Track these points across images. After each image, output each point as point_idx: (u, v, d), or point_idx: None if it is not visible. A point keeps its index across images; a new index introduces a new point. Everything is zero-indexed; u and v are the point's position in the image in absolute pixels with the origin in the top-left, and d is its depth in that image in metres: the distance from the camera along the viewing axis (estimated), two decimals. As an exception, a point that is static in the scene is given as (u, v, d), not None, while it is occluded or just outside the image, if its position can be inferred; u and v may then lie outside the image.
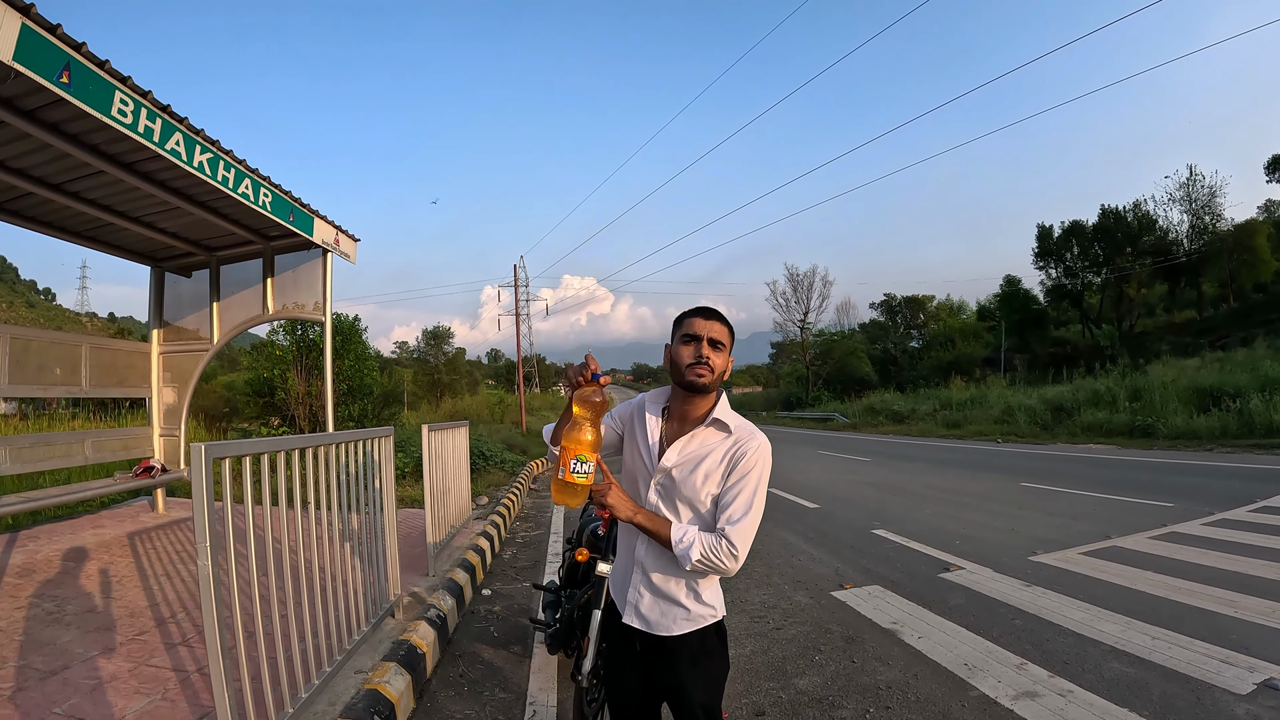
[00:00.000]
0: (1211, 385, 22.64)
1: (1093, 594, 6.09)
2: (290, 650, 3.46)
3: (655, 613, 2.45)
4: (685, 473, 2.38)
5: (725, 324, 2.40)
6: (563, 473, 2.16)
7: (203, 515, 2.55)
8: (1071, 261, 53.81)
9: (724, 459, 2.37)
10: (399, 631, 4.81)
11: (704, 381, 2.33)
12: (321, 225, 7.46)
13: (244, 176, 6.10)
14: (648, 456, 2.47)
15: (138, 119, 4.80)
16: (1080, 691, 4.21)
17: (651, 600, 2.46)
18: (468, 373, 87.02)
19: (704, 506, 2.38)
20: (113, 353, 8.81)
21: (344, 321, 29.96)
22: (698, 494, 2.37)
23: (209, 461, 2.61)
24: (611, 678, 2.68)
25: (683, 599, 2.42)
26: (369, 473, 4.83)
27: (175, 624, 4.97)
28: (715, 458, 2.38)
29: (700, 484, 2.37)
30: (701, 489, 2.37)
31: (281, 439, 3.55)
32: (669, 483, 2.41)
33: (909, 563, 7.50)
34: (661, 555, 2.42)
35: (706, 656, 2.45)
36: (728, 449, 2.38)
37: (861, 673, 4.65)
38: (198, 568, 2.61)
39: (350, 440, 4.49)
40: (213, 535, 2.59)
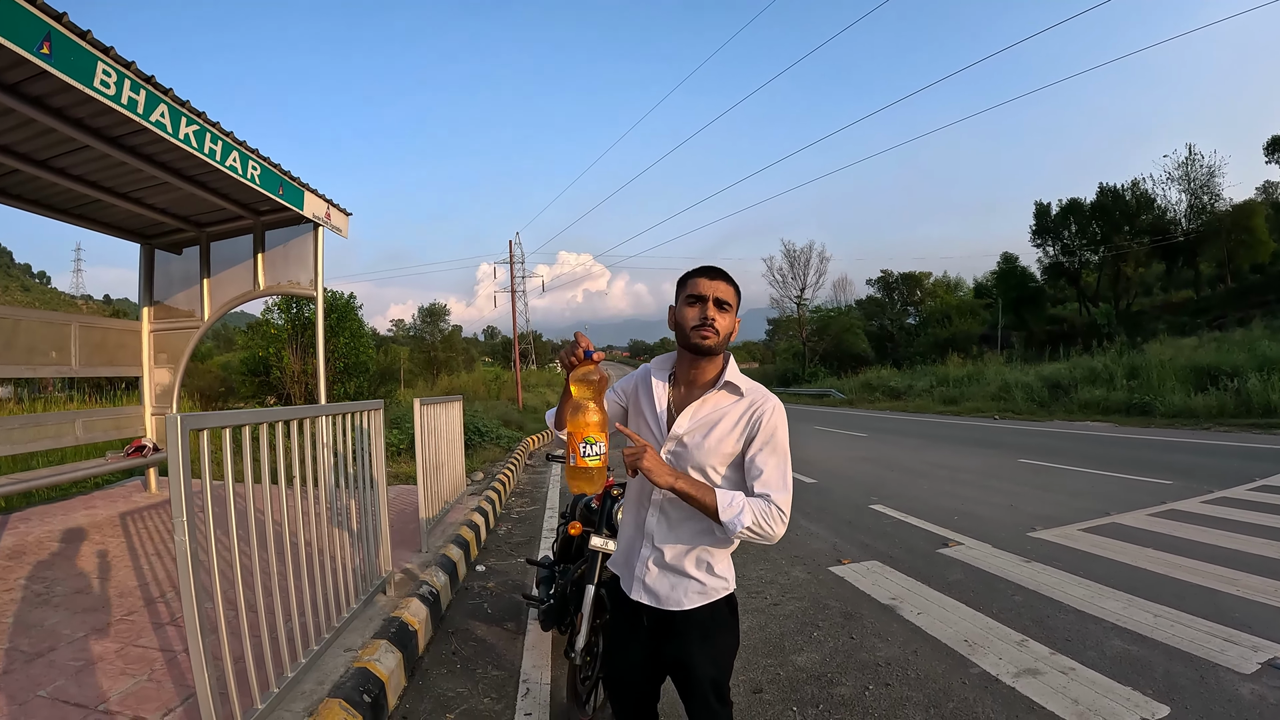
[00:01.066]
0: (1209, 364, 22.56)
1: (1093, 570, 6.03)
2: (276, 629, 3.37)
3: (665, 586, 2.38)
4: (698, 439, 2.31)
5: (731, 284, 2.32)
6: (574, 459, 2.07)
7: (179, 489, 2.45)
8: (1069, 240, 53.63)
9: (740, 423, 2.31)
10: (390, 608, 4.74)
11: (710, 344, 2.26)
12: (312, 199, 7.34)
13: (231, 149, 5.98)
14: (656, 425, 2.39)
15: (121, 91, 4.69)
16: (1082, 669, 4.15)
17: (660, 574, 2.39)
18: (464, 350, 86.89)
19: (717, 473, 2.32)
20: (103, 331, 8.69)
21: (339, 299, 29.77)
22: (711, 460, 2.30)
23: (185, 434, 2.51)
24: (614, 655, 2.62)
25: (695, 572, 2.36)
26: (358, 446, 4.73)
27: (164, 604, 4.89)
28: (729, 422, 2.32)
29: (714, 449, 2.30)
30: (715, 455, 2.30)
31: (263, 411, 3.45)
32: (681, 450, 2.33)
33: (907, 538, 7.44)
34: (675, 526, 2.36)
35: (717, 630, 2.39)
36: (743, 412, 2.32)
37: (860, 649, 4.60)
38: (175, 544, 2.52)
39: (338, 413, 4.38)
40: (189, 510, 2.50)
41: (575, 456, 2.06)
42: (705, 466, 2.30)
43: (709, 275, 2.30)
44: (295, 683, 3.42)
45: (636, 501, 2.49)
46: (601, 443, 2.09)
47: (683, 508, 2.31)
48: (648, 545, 2.41)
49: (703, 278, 2.30)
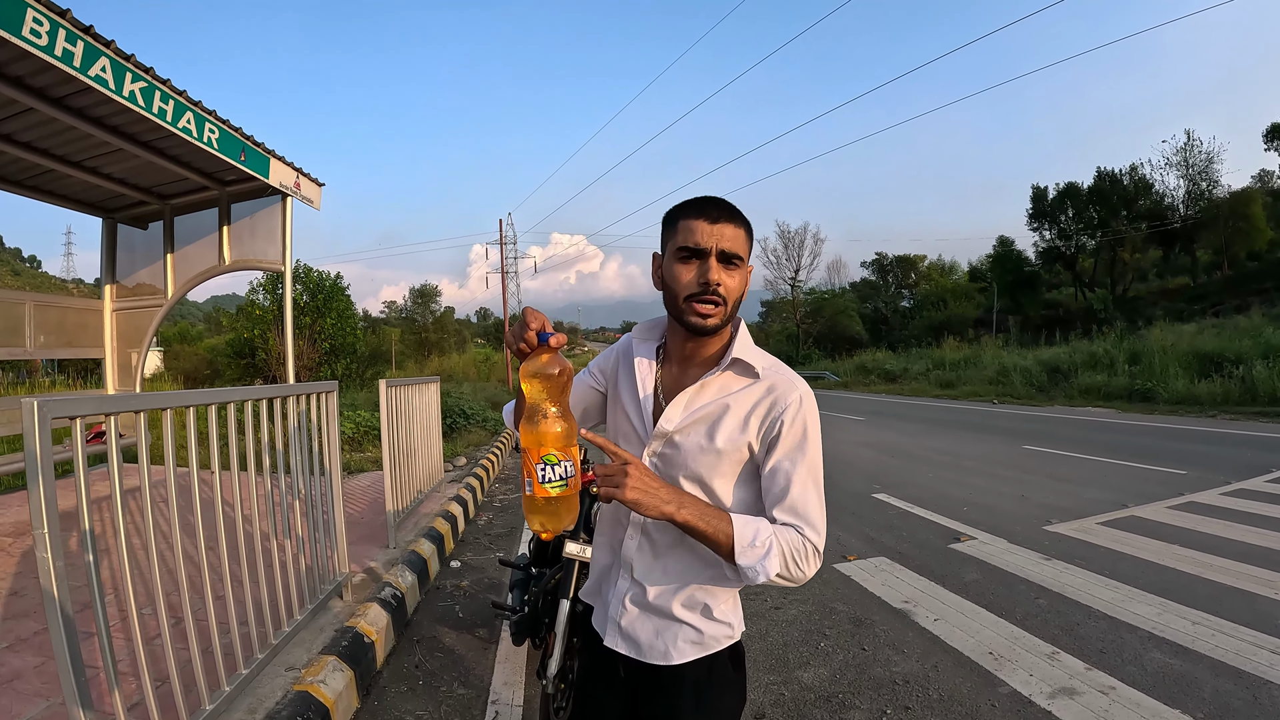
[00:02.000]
0: (1213, 351, 22.29)
1: (1118, 569, 5.61)
2: (210, 643, 2.87)
3: (647, 632, 1.73)
4: (695, 438, 1.64)
5: (741, 223, 1.61)
6: (530, 486, 1.40)
7: (39, 497, 1.96)
8: (1066, 224, 53.52)
9: (755, 417, 1.63)
10: (346, 616, 4.22)
11: (712, 322, 1.59)
12: (279, 167, 6.81)
13: (185, 109, 5.44)
14: (639, 420, 1.73)
15: (54, 41, 4.15)
16: (1123, 688, 3.71)
17: (641, 616, 1.74)
18: (456, 331, 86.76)
19: (720, 486, 1.65)
20: (61, 311, 8.14)
21: (326, 279, 29.43)
22: (713, 468, 1.64)
23: (44, 424, 2.00)
24: (583, 708, 1.95)
25: (687, 615, 1.70)
26: (305, 433, 4.22)
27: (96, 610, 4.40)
28: (739, 415, 1.63)
29: (716, 454, 1.62)
30: (717, 461, 1.63)
31: (170, 394, 2.93)
32: (670, 453, 1.67)
33: (915, 531, 7.02)
34: (663, 554, 1.71)
35: (716, 690, 1.74)
36: (757, 403, 1.64)
37: (874, 663, 4.13)
38: (38, 562, 2.04)
39: (274, 396, 3.82)
40: (52, 520, 2.01)
41: (532, 483, 1.40)
42: (702, 476, 1.65)
43: (709, 215, 1.58)
44: (216, 715, 2.90)
45: (611, 518, 1.84)
46: (568, 462, 1.40)
47: (674, 531, 1.63)
48: (625, 578, 1.77)
49: (701, 220, 1.58)
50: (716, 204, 1.60)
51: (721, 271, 1.57)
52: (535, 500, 1.40)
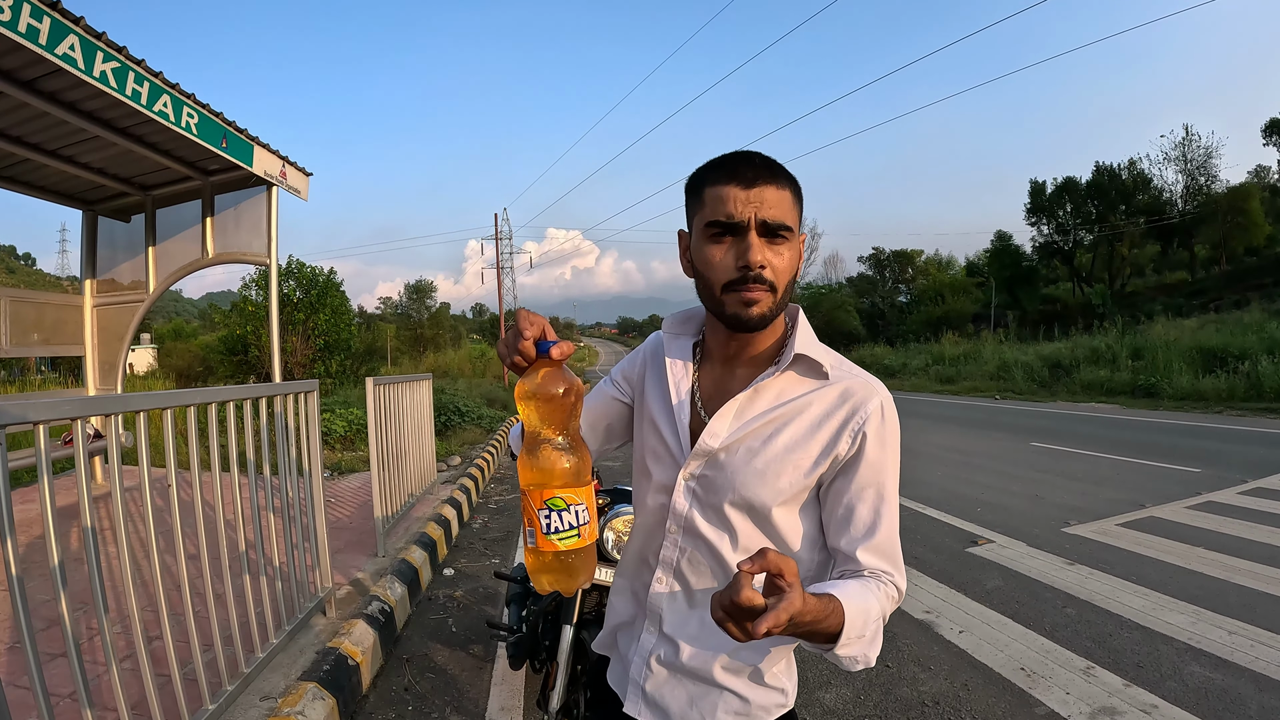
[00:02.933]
0: (1216, 346, 22.05)
1: (1145, 575, 5.36)
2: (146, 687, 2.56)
3: (680, 702, 1.37)
4: (748, 457, 1.29)
5: (786, 182, 1.24)
6: (533, 538, 1.09)
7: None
8: (1064, 219, 53.44)
9: (826, 430, 1.27)
10: (329, 635, 3.89)
11: (759, 312, 1.23)
12: (263, 155, 6.52)
13: (161, 92, 5.15)
14: (673, 434, 1.37)
15: (18, 16, 3.87)
16: (1166, 706, 3.45)
17: (673, 681, 1.38)
18: (452, 327, 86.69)
19: (780, 517, 1.31)
20: (38, 307, 7.82)
21: (319, 275, 29.17)
22: (772, 495, 1.28)
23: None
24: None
25: (731, 681, 1.34)
26: (286, 437, 3.93)
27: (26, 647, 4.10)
28: (805, 427, 1.28)
29: (777, 476, 1.28)
30: (779, 486, 1.28)
31: (141, 396, 2.62)
32: (713, 475, 1.32)
33: (930, 534, 6.76)
34: (699, 604, 1.36)
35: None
36: (829, 412, 1.28)
37: (899, 681, 3.86)
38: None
39: (250, 397, 3.51)
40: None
41: (535, 533, 1.09)
42: (756, 504, 1.29)
43: (744, 178, 1.20)
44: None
45: (637, 557, 1.47)
46: (580, 505, 1.08)
47: (709, 570, 1.34)
48: (651, 632, 1.41)
49: (733, 185, 1.20)
50: (751, 161, 1.23)
51: (766, 249, 1.21)
52: (542, 555, 1.09)
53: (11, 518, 1.89)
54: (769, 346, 1.35)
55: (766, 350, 1.35)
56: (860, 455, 1.26)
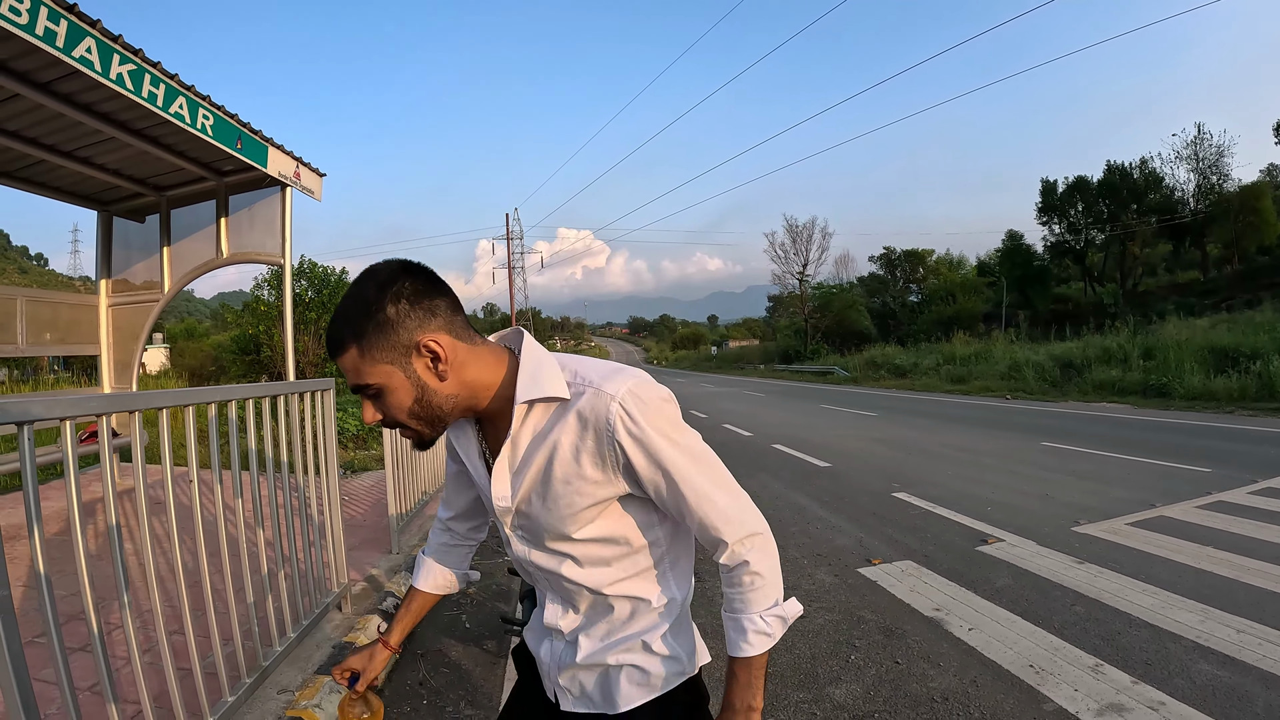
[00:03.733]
0: (1228, 346, 21.95)
1: (1154, 574, 5.36)
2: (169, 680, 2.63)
3: (591, 685, 1.54)
4: (540, 504, 1.39)
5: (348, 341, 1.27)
6: None
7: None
8: (1075, 218, 53.36)
9: (584, 454, 1.33)
10: (344, 630, 3.99)
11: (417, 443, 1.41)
12: (277, 155, 6.59)
13: (177, 94, 5.22)
14: (487, 496, 1.47)
15: (35, 19, 3.93)
16: (1173, 703, 3.46)
17: (582, 670, 1.54)
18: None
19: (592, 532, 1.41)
20: (54, 306, 7.93)
21: (330, 275, 29.30)
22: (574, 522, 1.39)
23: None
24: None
25: (626, 657, 1.49)
26: (302, 435, 3.99)
27: (84, 623, 4.15)
28: (567, 457, 1.34)
29: (574, 509, 1.37)
30: (575, 513, 1.37)
31: (160, 394, 2.70)
32: (528, 522, 1.44)
33: (940, 533, 6.77)
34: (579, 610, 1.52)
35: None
36: (579, 436, 1.33)
37: (909, 678, 3.88)
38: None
39: (267, 395, 3.57)
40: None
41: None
42: (569, 534, 1.41)
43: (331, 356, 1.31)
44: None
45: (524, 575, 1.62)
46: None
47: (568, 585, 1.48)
48: (556, 639, 1.58)
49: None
50: (329, 334, 1.32)
51: (371, 405, 1.34)
52: None
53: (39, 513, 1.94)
54: (502, 399, 1.39)
55: (502, 403, 1.39)
56: (630, 463, 1.32)
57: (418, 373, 1.29)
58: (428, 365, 1.29)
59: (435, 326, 1.29)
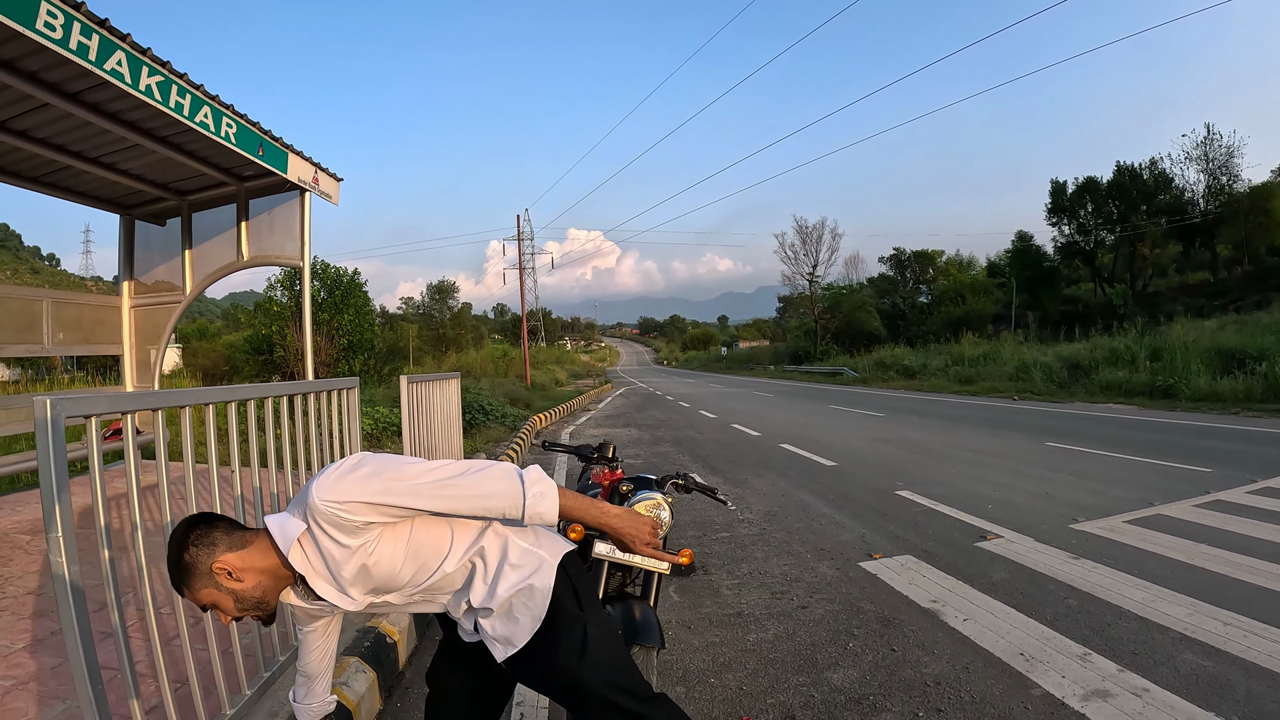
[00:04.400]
0: (1234, 347, 21.96)
1: (1147, 569, 5.50)
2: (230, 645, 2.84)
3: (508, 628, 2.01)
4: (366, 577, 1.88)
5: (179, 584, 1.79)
6: None
7: (51, 498, 1.91)
8: (1085, 219, 53.23)
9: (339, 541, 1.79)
10: (367, 616, 4.20)
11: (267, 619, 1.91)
12: (297, 162, 6.78)
13: (202, 104, 5.41)
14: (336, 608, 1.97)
15: (69, 34, 4.12)
16: (1157, 690, 3.62)
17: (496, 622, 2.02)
18: (473, 327, 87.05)
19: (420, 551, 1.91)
20: (78, 308, 8.15)
21: (343, 275, 29.52)
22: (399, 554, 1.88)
23: (58, 422, 1.94)
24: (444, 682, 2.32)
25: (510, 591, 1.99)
26: (329, 429, 4.18)
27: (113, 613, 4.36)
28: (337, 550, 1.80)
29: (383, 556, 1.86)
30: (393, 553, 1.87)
31: (188, 392, 2.89)
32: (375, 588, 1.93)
33: (941, 529, 6.92)
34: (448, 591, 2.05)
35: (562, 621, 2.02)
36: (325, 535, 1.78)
37: (904, 664, 4.05)
38: (51, 564, 1.99)
39: (295, 393, 3.77)
40: (66, 524, 1.96)
41: None
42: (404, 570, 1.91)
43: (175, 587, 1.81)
44: (239, 718, 2.87)
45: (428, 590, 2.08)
46: None
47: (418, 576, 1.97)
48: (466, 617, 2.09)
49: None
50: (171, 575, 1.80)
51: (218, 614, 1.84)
52: None
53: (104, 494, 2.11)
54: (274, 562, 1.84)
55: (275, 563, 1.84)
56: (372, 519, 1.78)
57: (226, 585, 1.77)
58: (228, 576, 1.77)
59: (219, 553, 1.76)
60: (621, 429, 17.77)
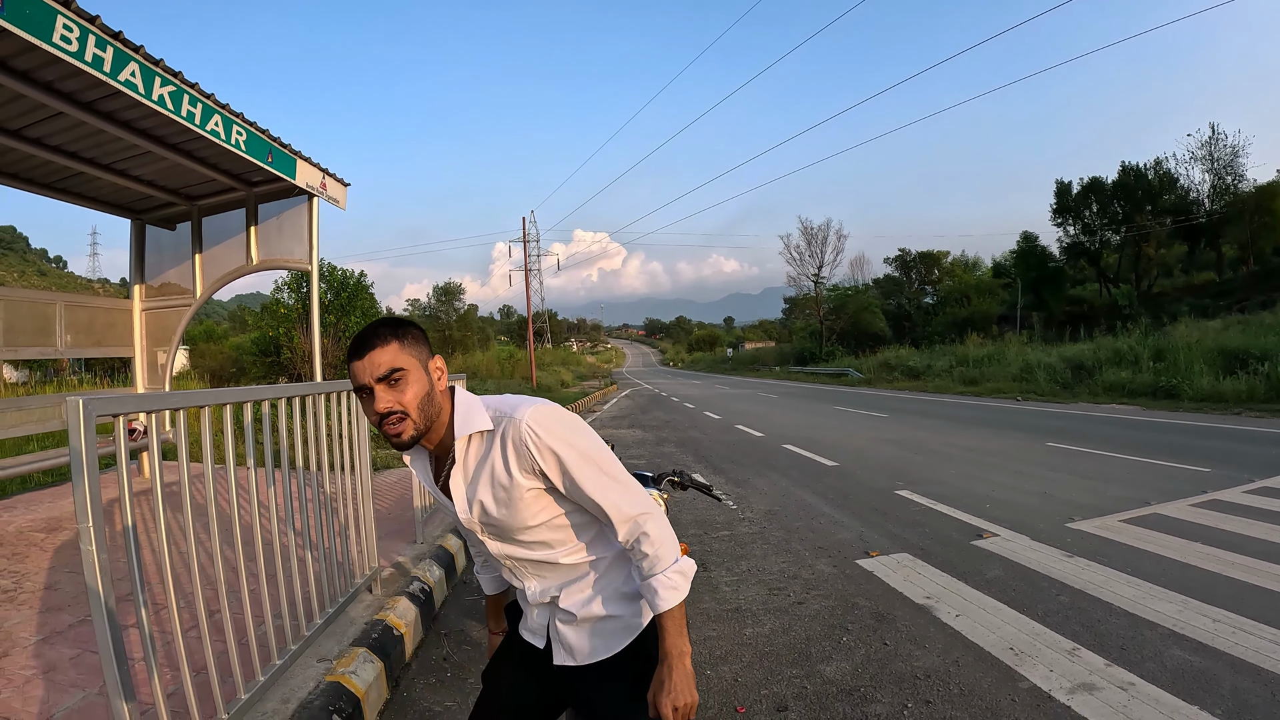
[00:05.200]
0: (1237, 347, 21.94)
1: (1140, 567, 5.59)
2: (245, 634, 2.97)
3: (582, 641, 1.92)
4: (494, 510, 1.81)
5: (391, 338, 1.73)
6: None
7: (83, 490, 2.03)
8: (1090, 219, 53.20)
9: (512, 466, 1.75)
10: (375, 610, 4.32)
11: (408, 437, 1.74)
12: (305, 167, 6.90)
13: (213, 112, 5.53)
14: (449, 512, 1.91)
15: (84, 47, 4.23)
16: (1142, 684, 3.71)
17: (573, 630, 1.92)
18: (479, 329, 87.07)
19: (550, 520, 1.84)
20: (90, 311, 8.26)
21: (350, 278, 29.65)
22: (531, 519, 1.81)
23: (90, 421, 2.07)
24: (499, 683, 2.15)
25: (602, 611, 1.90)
26: (338, 430, 4.30)
27: (132, 603, 4.49)
28: (501, 471, 1.77)
29: (519, 510, 1.79)
30: (526, 514, 1.80)
31: (207, 393, 3.02)
32: (494, 524, 1.85)
33: (938, 528, 7.01)
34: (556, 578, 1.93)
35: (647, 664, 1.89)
36: (504, 453, 1.76)
37: (895, 657, 4.16)
38: (82, 555, 2.11)
39: (305, 394, 3.91)
40: (97, 514, 2.08)
41: None
42: (529, 526, 1.83)
43: (358, 352, 1.72)
44: (251, 705, 2.98)
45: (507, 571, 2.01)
46: None
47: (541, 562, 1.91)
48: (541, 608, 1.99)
49: (355, 361, 1.72)
50: (363, 337, 1.73)
51: (389, 393, 1.70)
52: None
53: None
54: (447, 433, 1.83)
55: (448, 435, 1.83)
56: (544, 469, 1.74)
57: (429, 375, 1.76)
58: (435, 373, 1.78)
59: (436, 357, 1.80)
60: (626, 430, 17.89)
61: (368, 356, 1.69)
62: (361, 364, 1.70)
